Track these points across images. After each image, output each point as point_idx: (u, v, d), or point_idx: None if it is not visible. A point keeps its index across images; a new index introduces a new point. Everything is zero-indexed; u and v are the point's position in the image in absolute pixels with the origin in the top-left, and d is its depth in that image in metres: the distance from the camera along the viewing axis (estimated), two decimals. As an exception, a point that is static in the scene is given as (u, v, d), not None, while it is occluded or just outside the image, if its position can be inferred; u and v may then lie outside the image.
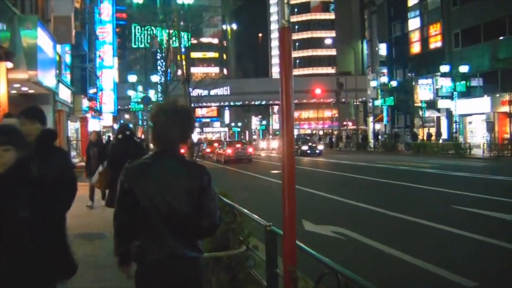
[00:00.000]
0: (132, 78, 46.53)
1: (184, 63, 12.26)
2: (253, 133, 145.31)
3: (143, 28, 32.13)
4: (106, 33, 40.83)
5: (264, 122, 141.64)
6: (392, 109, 67.57)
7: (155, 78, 40.55)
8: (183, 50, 20.22)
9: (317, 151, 50.84)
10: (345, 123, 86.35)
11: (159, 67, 22.25)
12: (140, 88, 48.01)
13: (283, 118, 3.89)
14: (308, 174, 29.49)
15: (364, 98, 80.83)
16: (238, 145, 45.11)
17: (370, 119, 74.68)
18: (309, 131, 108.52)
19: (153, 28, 25.28)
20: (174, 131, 3.72)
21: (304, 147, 50.45)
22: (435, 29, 58.74)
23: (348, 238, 11.50)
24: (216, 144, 56.05)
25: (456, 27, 53.53)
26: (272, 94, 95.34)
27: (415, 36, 63.39)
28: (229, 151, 43.08)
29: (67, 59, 29.45)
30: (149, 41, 28.88)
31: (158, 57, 22.20)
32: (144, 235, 3.70)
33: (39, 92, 19.31)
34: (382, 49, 71.78)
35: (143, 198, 3.65)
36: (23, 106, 5.16)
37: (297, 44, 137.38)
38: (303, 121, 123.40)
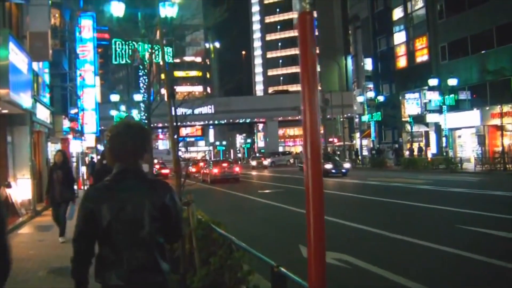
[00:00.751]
0: (115, 97, 45.38)
1: (166, 79, 11.27)
2: (238, 151, 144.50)
3: (124, 43, 30.17)
4: (87, 51, 39.52)
5: (249, 140, 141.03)
6: (379, 125, 66.87)
7: (138, 97, 39.39)
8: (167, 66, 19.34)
9: (343, 170, 42.11)
10: (330, 139, 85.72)
11: (141, 84, 21.09)
12: (123, 108, 46.90)
13: (305, 128, 2.87)
14: (298, 193, 28.52)
15: (349, 114, 79.84)
16: (225, 164, 43.78)
17: (357, 135, 73.91)
18: (299, 149, 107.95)
19: (134, 43, 24.21)
20: (128, 144, 3.67)
21: (328, 166, 40.68)
22: (421, 43, 58.17)
23: (352, 266, 10.42)
24: (201, 164, 54.92)
25: (442, 40, 52.94)
26: (257, 111, 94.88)
27: (401, 50, 62.80)
28: (215, 170, 41.84)
29: (46, 78, 28.21)
30: (128, 57, 27.36)
31: (140, 74, 21.10)
32: (107, 257, 3.56)
33: (14, 112, 18.11)
34: (368, 64, 71.17)
35: (106, 220, 3.52)
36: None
37: (280, 61, 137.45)
38: (288, 139, 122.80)
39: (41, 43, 20.31)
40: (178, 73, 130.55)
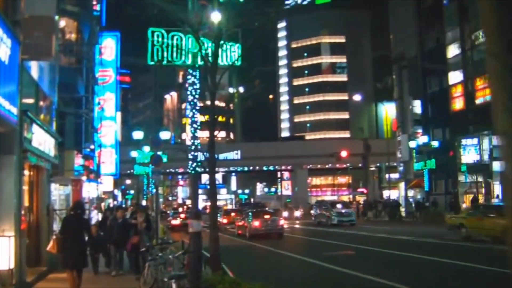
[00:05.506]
0: (138, 134, 38.56)
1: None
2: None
3: (166, 35, 21.77)
4: (108, 76, 33.34)
5: (272, 189, 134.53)
6: (430, 174, 59.57)
7: (165, 135, 32.50)
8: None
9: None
10: (359, 190, 79.83)
11: (190, 88, 15.08)
12: (146, 148, 40.05)
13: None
14: (378, 258, 21.56)
15: (386, 163, 72.02)
16: (267, 216, 36.49)
17: (402, 185, 66.66)
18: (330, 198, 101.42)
19: (181, 35, 17.83)
20: None
21: None
22: (483, 81, 50.88)
23: None
24: (233, 214, 47.67)
25: (513, 78, 46.08)
26: (283, 158, 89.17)
27: (457, 91, 55.73)
28: (256, 223, 34.55)
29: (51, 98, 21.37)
30: (172, 57, 19.83)
31: (190, 81, 15.27)
32: None
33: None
34: (417, 107, 64.27)
35: None
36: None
37: (307, 107, 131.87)
38: (313, 188, 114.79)
39: (42, 32, 13.44)
40: (201, 118, 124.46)
